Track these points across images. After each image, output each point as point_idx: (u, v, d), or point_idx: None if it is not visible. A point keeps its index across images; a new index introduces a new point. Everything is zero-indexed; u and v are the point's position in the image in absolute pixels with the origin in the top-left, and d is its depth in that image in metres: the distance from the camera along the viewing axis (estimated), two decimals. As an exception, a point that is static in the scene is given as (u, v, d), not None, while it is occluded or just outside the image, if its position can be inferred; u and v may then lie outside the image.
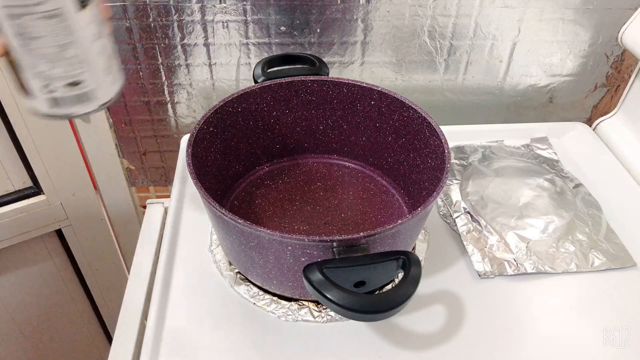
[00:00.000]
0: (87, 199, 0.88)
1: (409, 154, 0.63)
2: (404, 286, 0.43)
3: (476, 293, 0.57)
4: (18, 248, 0.86)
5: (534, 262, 0.59)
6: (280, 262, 0.49)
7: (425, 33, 0.77)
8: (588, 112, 0.91)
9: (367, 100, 0.64)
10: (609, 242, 0.62)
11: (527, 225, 0.62)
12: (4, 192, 0.82)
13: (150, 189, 0.94)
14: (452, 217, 0.65)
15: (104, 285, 1.02)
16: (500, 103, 0.87)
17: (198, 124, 0.57)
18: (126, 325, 0.56)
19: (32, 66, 0.37)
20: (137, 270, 0.62)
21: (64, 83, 0.38)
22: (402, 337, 0.53)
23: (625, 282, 0.59)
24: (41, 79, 0.37)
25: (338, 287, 0.42)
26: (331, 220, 0.63)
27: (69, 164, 0.83)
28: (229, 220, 0.46)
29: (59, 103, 0.39)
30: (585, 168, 0.75)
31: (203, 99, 0.82)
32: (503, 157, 0.75)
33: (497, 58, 0.81)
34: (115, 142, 0.85)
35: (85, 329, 1.08)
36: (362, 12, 0.74)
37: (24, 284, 0.92)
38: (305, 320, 0.54)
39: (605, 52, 0.82)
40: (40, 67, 0.37)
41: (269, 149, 0.70)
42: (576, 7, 0.75)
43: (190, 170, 0.51)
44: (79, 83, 0.39)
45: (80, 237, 0.92)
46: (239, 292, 0.56)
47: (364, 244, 0.45)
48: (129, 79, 0.78)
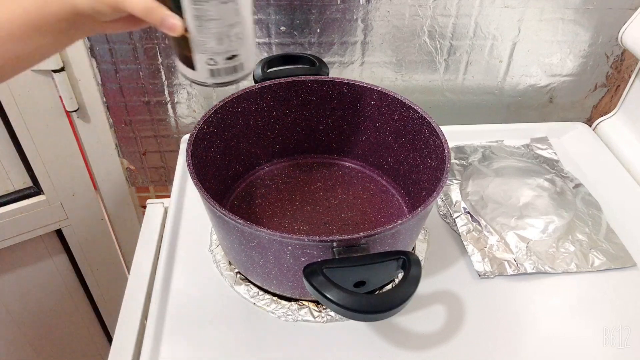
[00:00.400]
0: (87, 199, 0.88)
1: (409, 154, 0.63)
2: (404, 286, 0.43)
3: (476, 293, 0.57)
4: (18, 248, 0.86)
5: (534, 262, 0.59)
6: (280, 262, 0.49)
7: (425, 33, 0.77)
8: (588, 112, 0.91)
9: (367, 100, 0.64)
10: (609, 242, 0.62)
11: (527, 225, 0.62)
12: (4, 192, 0.82)
13: (150, 189, 0.94)
14: (452, 217, 0.65)
15: (104, 285, 1.02)
16: (500, 103, 0.87)
17: (198, 124, 0.57)
18: (126, 325, 0.56)
19: (202, 43, 0.42)
20: (137, 270, 0.62)
21: (225, 57, 0.43)
22: (402, 337, 0.53)
23: (625, 282, 0.59)
24: (207, 54, 0.43)
25: (338, 287, 0.42)
26: (331, 220, 0.63)
27: (69, 164, 0.83)
28: (229, 220, 0.46)
29: (218, 74, 0.44)
30: (585, 168, 0.75)
31: (203, 99, 0.82)
32: (503, 157, 0.75)
33: (497, 58, 0.81)
34: (115, 142, 0.85)
35: (85, 329, 1.08)
36: (362, 12, 0.74)
37: (24, 284, 0.92)
38: (305, 320, 0.54)
39: (605, 52, 0.82)
40: (209, 44, 0.42)
41: (269, 149, 0.70)
42: (576, 7, 0.75)
43: (190, 170, 0.51)
44: (236, 56, 0.44)
45: (80, 237, 0.92)
46: (239, 292, 0.56)
47: (364, 244, 0.45)
48: (129, 79, 0.78)
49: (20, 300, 0.94)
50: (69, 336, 1.06)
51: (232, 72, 0.45)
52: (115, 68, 0.76)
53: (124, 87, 0.78)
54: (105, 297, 1.04)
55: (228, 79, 0.45)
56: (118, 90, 0.79)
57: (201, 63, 0.43)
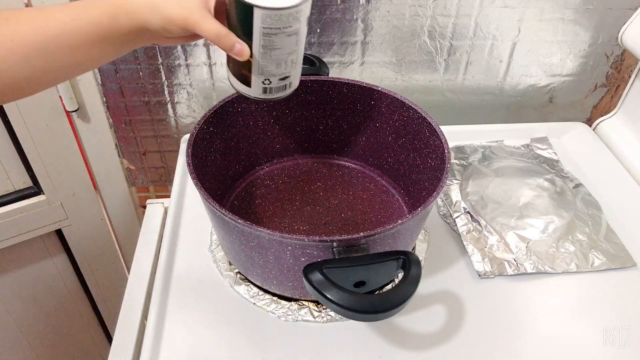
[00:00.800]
0: (87, 199, 0.88)
1: (409, 154, 0.63)
2: (404, 286, 0.43)
3: (476, 293, 0.57)
4: (18, 248, 0.86)
5: (534, 262, 0.59)
6: (280, 262, 0.49)
7: (425, 33, 0.77)
8: (588, 112, 0.91)
9: (367, 100, 0.64)
10: (609, 242, 0.62)
11: (527, 225, 0.62)
12: (4, 192, 0.82)
13: (150, 189, 0.94)
14: (452, 217, 0.65)
15: (104, 285, 1.02)
16: (500, 103, 0.87)
17: (198, 124, 0.57)
18: (126, 325, 0.56)
19: (263, 67, 0.47)
20: (137, 270, 0.62)
21: (279, 78, 0.48)
22: (402, 337, 0.53)
23: (625, 282, 0.59)
24: (265, 76, 0.48)
25: (338, 287, 0.42)
26: (331, 220, 0.63)
27: (69, 164, 0.82)
28: (229, 220, 0.46)
29: (270, 92, 0.49)
30: (585, 168, 0.75)
31: (203, 99, 0.82)
32: (503, 157, 0.75)
33: (497, 58, 0.81)
34: (115, 142, 0.85)
35: (85, 329, 1.08)
36: (362, 12, 0.74)
37: (24, 284, 0.92)
38: (305, 320, 0.54)
39: (605, 52, 0.82)
40: (269, 68, 0.47)
41: (269, 149, 0.70)
42: (576, 7, 0.75)
43: (190, 170, 0.51)
44: (288, 77, 0.49)
45: (80, 237, 0.92)
46: (239, 292, 0.56)
47: (364, 244, 0.45)
48: (129, 79, 0.78)
49: (20, 300, 0.94)
50: (68, 336, 1.06)
51: (282, 90, 0.50)
52: (115, 68, 0.76)
53: (124, 87, 0.78)
54: (105, 297, 1.04)
55: (278, 95, 0.50)
56: (118, 90, 0.79)
57: (257, 82, 0.48)
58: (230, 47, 0.45)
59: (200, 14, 0.43)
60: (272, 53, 0.46)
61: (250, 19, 0.43)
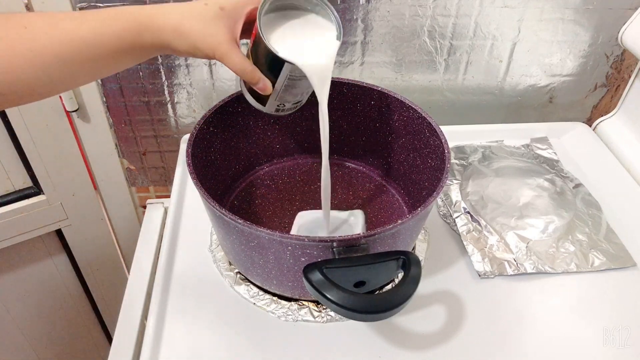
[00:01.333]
0: (87, 199, 0.88)
1: (409, 154, 0.63)
2: (404, 286, 0.43)
3: (476, 293, 0.57)
4: (18, 248, 0.86)
5: (534, 262, 0.59)
6: (280, 262, 0.49)
7: (425, 33, 0.77)
8: (588, 112, 0.91)
9: (367, 100, 0.64)
10: (609, 242, 0.62)
11: (527, 225, 0.62)
12: (4, 192, 0.82)
13: (150, 189, 0.94)
14: (452, 217, 0.65)
15: (104, 285, 1.02)
16: (500, 103, 0.87)
17: (198, 124, 0.57)
18: (126, 325, 0.56)
19: (281, 97, 0.51)
20: (137, 270, 0.62)
21: (293, 103, 0.53)
22: (402, 337, 0.53)
23: (625, 282, 0.59)
24: (281, 101, 0.52)
25: (338, 287, 0.42)
26: (331, 220, 0.63)
27: (69, 164, 0.82)
28: (229, 220, 0.46)
29: (282, 111, 0.54)
30: (585, 168, 0.75)
31: (203, 99, 0.81)
32: (503, 157, 0.75)
33: (497, 58, 0.81)
34: (115, 142, 0.85)
35: (85, 329, 1.09)
36: (362, 12, 0.74)
37: (24, 284, 0.92)
38: (305, 320, 0.54)
39: (605, 52, 0.82)
40: (286, 99, 0.52)
41: (269, 149, 0.69)
42: (576, 7, 0.75)
43: (190, 170, 0.51)
44: (300, 102, 0.54)
45: (80, 237, 0.92)
46: (239, 292, 0.56)
47: (364, 244, 0.45)
48: (129, 79, 0.78)
49: (20, 300, 0.94)
50: (68, 336, 1.06)
51: (293, 109, 0.55)
52: (115, 68, 0.76)
53: (124, 87, 0.78)
54: (105, 297, 1.04)
55: (288, 112, 0.55)
56: (118, 90, 0.79)
57: (272, 104, 0.52)
58: (255, 83, 0.47)
59: (227, 47, 0.44)
60: (293, 90, 0.50)
61: (280, 67, 0.47)
